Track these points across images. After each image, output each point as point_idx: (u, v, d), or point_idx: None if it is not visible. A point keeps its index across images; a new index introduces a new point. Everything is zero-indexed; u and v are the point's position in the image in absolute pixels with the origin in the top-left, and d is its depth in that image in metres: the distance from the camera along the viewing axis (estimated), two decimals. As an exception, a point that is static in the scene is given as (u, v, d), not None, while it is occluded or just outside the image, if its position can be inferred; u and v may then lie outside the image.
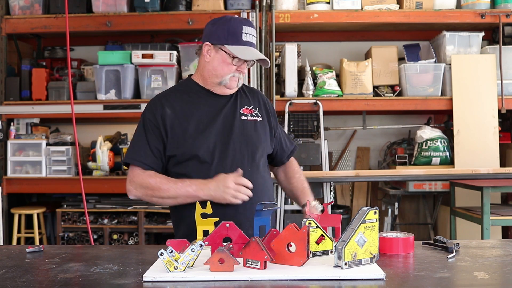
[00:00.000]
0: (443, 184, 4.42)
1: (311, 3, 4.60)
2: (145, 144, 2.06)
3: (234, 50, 2.00)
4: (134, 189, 2.05)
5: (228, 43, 2.00)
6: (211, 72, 2.06)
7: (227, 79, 2.05)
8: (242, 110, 2.12)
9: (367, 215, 1.58)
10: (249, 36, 2.03)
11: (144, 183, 2.02)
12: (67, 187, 4.61)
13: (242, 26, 2.02)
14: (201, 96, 2.10)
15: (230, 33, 2.01)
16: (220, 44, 2.01)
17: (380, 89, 4.67)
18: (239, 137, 2.07)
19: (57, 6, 4.71)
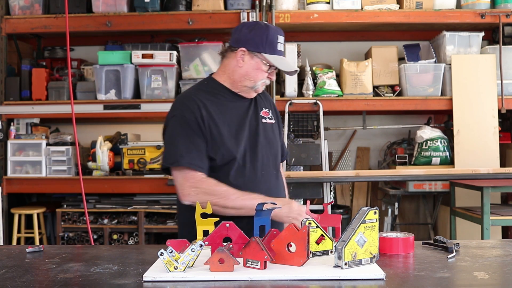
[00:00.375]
0: (443, 184, 4.42)
1: (311, 3, 4.60)
2: (196, 146, 2.01)
3: (272, 59, 2.05)
4: (196, 194, 1.97)
5: (266, 51, 2.05)
6: (243, 76, 2.09)
7: (259, 84, 2.10)
8: (261, 113, 2.17)
9: (367, 215, 1.58)
10: (282, 46, 2.10)
11: (209, 190, 1.98)
12: (67, 187, 4.61)
13: (277, 36, 2.07)
14: (228, 99, 2.12)
15: (268, 42, 2.05)
16: (258, 52, 2.05)
17: (380, 89, 4.67)
18: (264, 140, 2.13)
19: (57, 6, 4.71)
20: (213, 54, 4.64)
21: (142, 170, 4.56)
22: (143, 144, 4.63)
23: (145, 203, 4.58)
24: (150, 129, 5.24)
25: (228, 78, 2.12)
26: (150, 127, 5.27)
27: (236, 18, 4.58)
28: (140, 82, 4.62)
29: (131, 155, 4.60)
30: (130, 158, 4.59)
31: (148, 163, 4.58)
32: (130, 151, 4.60)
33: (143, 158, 4.58)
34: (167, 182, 4.38)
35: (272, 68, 2.08)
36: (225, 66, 2.13)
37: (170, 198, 4.55)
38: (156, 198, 4.59)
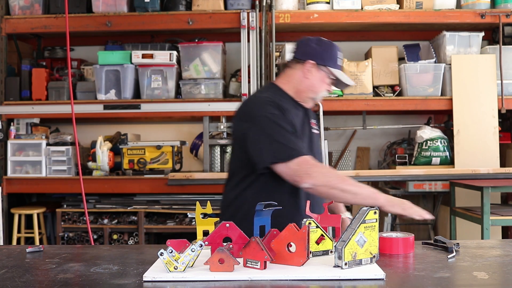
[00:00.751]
0: (443, 184, 4.42)
1: (311, 3, 4.60)
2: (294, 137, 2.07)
3: (336, 73, 2.22)
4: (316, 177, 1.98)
5: (331, 65, 2.21)
6: (309, 87, 2.22)
7: (320, 95, 2.26)
8: (311, 123, 2.31)
9: (367, 215, 1.59)
10: (341, 61, 2.28)
11: (329, 172, 2.06)
12: (67, 187, 4.61)
13: (338, 52, 2.27)
14: (292, 106, 2.22)
15: (333, 57, 2.24)
16: (323, 65, 2.21)
17: (380, 89, 4.67)
18: (315, 149, 2.28)
19: (57, 6, 4.71)
20: (213, 54, 4.64)
21: (142, 170, 4.56)
22: (143, 144, 4.63)
23: (145, 203, 4.58)
24: (150, 129, 5.25)
25: (293, 88, 2.24)
26: (150, 127, 5.27)
27: (236, 18, 4.58)
28: (140, 82, 4.62)
29: (131, 155, 4.60)
30: (130, 158, 4.59)
31: (148, 163, 4.58)
32: (130, 151, 4.60)
33: (143, 158, 4.58)
34: (167, 182, 4.38)
35: (331, 81, 2.24)
36: (290, 76, 2.25)
37: (170, 198, 4.56)
38: (156, 198, 4.59)
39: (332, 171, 2.11)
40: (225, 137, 4.69)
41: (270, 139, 2.03)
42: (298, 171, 2.00)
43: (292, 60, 2.26)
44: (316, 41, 2.27)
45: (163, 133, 5.12)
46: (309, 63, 2.20)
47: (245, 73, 4.55)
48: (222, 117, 4.70)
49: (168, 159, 4.61)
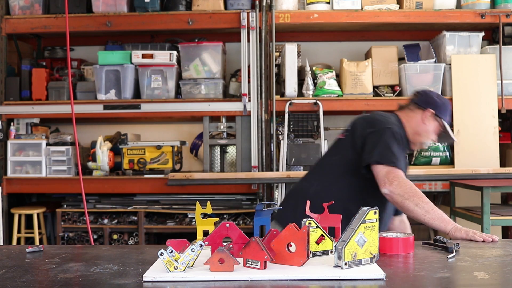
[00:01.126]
0: (443, 184, 4.41)
1: (311, 3, 4.60)
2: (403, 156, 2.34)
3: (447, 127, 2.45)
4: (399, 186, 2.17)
5: (443, 117, 2.45)
6: (423, 133, 2.45)
7: (429, 141, 2.48)
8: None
9: (367, 215, 1.59)
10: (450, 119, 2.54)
11: (412, 187, 2.19)
12: (67, 187, 4.61)
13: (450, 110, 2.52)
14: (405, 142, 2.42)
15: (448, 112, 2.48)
16: (440, 118, 2.44)
17: (380, 89, 4.67)
18: None
19: (57, 6, 4.71)
20: (213, 54, 4.64)
21: (142, 170, 4.56)
22: (143, 144, 4.63)
23: (145, 203, 4.58)
24: (150, 129, 5.25)
25: (410, 128, 2.45)
26: (150, 127, 5.27)
27: (236, 18, 4.58)
28: (140, 82, 4.62)
29: (131, 155, 4.60)
30: (130, 158, 4.59)
31: (148, 163, 4.58)
32: (130, 151, 4.60)
33: (143, 158, 4.58)
34: (167, 182, 4.38)
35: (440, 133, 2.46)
36: (411, 117, 2.47)
37: (170, 198, 4.56)
38: (156, 198, 4.59)
39: (415, 188, 2.20)
40: (225, 137, 4.69)
41: (385, 145, 2.26)
42: (387, 176, 2.21)
43: (414, 104, 2.48)
44: (436, 95, 2.52)
45: (163, 133, 5.12)
46: (429, 111, 2.43)
47: (245, 73, 4.55)
48: (222, 117, 4.70)
49: (168, 159, 4.61)
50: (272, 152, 4.54)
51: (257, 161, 4.51)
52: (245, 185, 4.45)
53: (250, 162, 4.54)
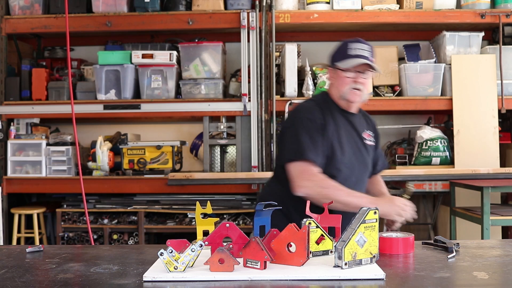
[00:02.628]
0: (443, 184, 4.41)
1: (311, 3, 4.60)
2: (315, 143, 2.17)
3: (341, 64, 2.25)
4: (308, 187, 2.12)
5: (337, 60, 2.27)
6: (335, 90, 2.30)
7: (347, 92, 2.25)
8: (363, 134, 2.35)
9: (367, 215, 1.59)
10: (357, 50, 2.26)
11: (322, 184, 2.12)
12: (67, 187, 4.61)
13: (348, 44, 2.29)
14: (338, 112, 2.30)
15: (339, 52, 2.30)
16: (333, 65, 2.29)
17: (380, 89, 4.67)
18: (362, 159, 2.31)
19: (57, 6, 4.71)
20: (213, 54, 4.64)
21: (142, 170, 4.56)
22: (143, 144, 4.63)
23: (145, 203, 4.58)
24: (150, 129, 5.25)
25: (332, 94, 2.33)
26: (150, 127, 5.27)
27: (236, 18, 4.58)
28: (140, 82, 4.62)
29: (131, 155, 4.60)
30: (130, 158, 4.59)
31: (148, 163, 4.58)
32: (130, 151, 4.60)
33: (143, 158, 4.58)
34: (167, 182, 4.38)
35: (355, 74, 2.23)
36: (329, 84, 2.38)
37: (170, 198, 4.56)
38: (156, 198, 4.59)
39: (328, 182, 2.12)
40: (225, 137, 4.69)
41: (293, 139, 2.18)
42: (298, 178, 2.13)
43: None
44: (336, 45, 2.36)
45: (163, 133, 5.12)
46: (328, 70, 2.34)
47: (245, 73, 4.55)
48: (222, 117, 4.70)
49: (168, 159, 4.61)
50: (272, 152, 4.55)
51: (257, 161, 4.51)
52: (245, 185, 4.45)
53: (250, 162, 4.54)
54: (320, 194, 2.10)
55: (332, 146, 2.21)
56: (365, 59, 2.23)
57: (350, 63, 2.22)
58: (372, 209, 1.60)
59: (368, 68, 2.25)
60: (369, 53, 2.28)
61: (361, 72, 2.25)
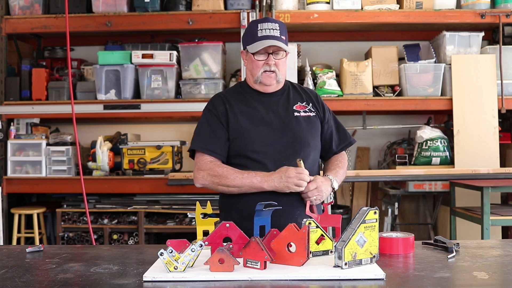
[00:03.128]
0: (443, 184, 4.41)
1: (311, 3, 4.60)
2: (210, 132, 2.18)
3: (250, 47, 2.17)
4: (202, 177, 2.15)
5: (248, 43, 2.19)
6: (248, 74, 2.24)
7: (260, 75, 2.18)
8: (294, 107, 2.25)
9: (367, 215, 1.59)
10: (265, 31, 2.15)
11: (212, 172, 2.13)
12: (67, 187, 4.61)
13: (258, 24, 2.17)
14: (253, 96, 2.24)
15: (248, 35, 2.20)
16: (245, 48, 2.21)
17: (380, 89, 4.67)
18: (290, 133, 2.19)
19: (57, 6, 4.71)
20: (213, 54, 4.64)
21: (142, 170, 4.56)
22: (143, 144, 4.63)
23: (145, 203, 4.58)
24: (150, 129, 5.25)
25: (247, 78, 2.28)
26: (150, 127, 5.27)
27: (236, 18, 4.58)
28: (140, 82, 4.62)
29: (131, 155, 4.60)
30: (130, 158, 4.59)
31: (148, 163, 4.58)
32: (130, 151, 4.60)
33: (143, 158, 4.58)
34: (167, 182, 4.38)
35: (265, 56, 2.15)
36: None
37: (170, 198, 4.55)
38: (156, 198, 4.59)
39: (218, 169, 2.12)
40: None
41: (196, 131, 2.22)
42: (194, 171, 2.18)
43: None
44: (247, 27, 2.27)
45: (163, 133, 5.12)
46: (241, 53, 2.27)
47: (245, 73, 4.55)
48: (222, 117, 4.69)
49: (168, 159, 4.61)
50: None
51: (257, 161, 4.50)
52: (245, 185, 4.44)
53: (250, 162, 4.53)
54: (213, 182, 2.12)
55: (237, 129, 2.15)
56: (273, 40, 2.12)
57: (258, 46, 2.13)
58: (372, 209, 1.60)
59: (278, 48, 2.15)
60: (278, 31, 2.15)
61: (273, 53, 2.16)
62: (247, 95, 2.24)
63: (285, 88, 2.29)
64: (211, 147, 2.16)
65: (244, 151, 2.15)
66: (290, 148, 2.16)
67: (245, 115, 2.18)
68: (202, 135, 2.19)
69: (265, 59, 2.16)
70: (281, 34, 2.16)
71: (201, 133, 2.20)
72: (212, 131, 2.17)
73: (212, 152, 2.16)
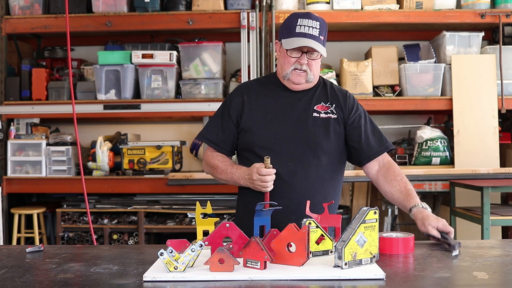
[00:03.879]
0: (443, 184, 4.41)
1: (311, 3, 4.60)
2: (218, 124, 2.19)
3: (285, 42, 2.07)
4: (204, 166, 2.25)
5: (284, 37, 2.09)
6: (279, 67, 2.15)
7: (289, 72, 2.09)
8: (316, 107, 2.14)
9: (367, 215, 1.59)
10: (304, 28, 2.05)
11: (209, 162, 2.20)
12: (67, 187, 4.61)
13: (298, 19, 2.06)
14: (277, 90, 2.17)
15: (285, 28, 2.09)
16: (280, 40, 2.12)
17: (380, 89, 4.67)
18: (303, 133, 2.09)
19: (57, 6, 4.71)
20: (213, 54, 4.64)
21: (142, 170, 4.56)
22: (143, 144, 4.63)
23: (145, 203, 4.58)
24: (150, 129, 5.25)
25: (277, 70, 2.19)
26: (150, 127, 5.27)
27: (236, 18, 4.58)
28: (140, 82, 4.62)
29: (131, 155, 4.60)
30: (130, 158, 4.59)
31: (148, 163, 4.58)
32: (130, 151, 4.60)
33: (143, 158, 4.58)
34: (167, 182, 4.38)
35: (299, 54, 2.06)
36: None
37: (170, 198, 4.55)
38: (156, 198, 4.59)
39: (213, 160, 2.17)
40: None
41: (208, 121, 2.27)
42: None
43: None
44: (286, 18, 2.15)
45: (163, 133, 5.12)
46: (276, 43, 2.18)
47: (245, 73, 4.55)
48: (222, 117, 4.69)
49: (168, 159, 4.61)
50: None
51: (257, 161, 4.50)
52: (245, 185, 4.44)
53: (250, 162, 4.53)
54: (210, 172, 2.21)
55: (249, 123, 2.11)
56: (310, 39, 2.03)
57: (293, 44, 2.04)
58: (372, 209, 1.60)
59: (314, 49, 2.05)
60: (317, 30, 2.06)
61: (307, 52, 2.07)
62: (271, 88, 2.17)
63: (315, 86, 2.18)
64: (213, 139, 2.18)
65: (252, 146, 2.11)
66: (300, 149, 2.08)
67: (261, 109, 2.13)
68: (210, 126, 2.22)
69: (298, 57, 2.06)
70: (320, 34, 2.07)
71: (210, 123, 2.23)
72: (221, 123, 2.18)
73: (213, 143, 2.19)
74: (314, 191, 2.09)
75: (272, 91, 2.16)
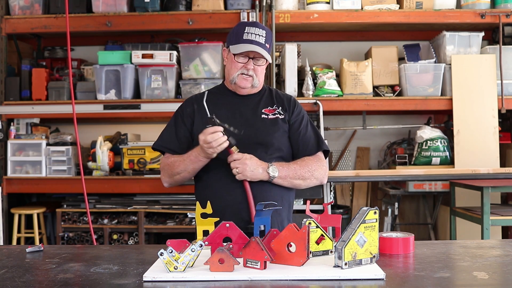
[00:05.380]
0: (443, 184, 4.42)
1: (311, 3, 4.60)
2: (172, 132, 2.27)
3: (232, 48, 2.18)
4: (162, 176, 2.26)
5: (232, 43, 2.19)
6: (227, 72, 2.25)
7: (236, 77, 2.19)
8: (263, 110, 2.26)
9: (367, 215, 1.59)
10: (251, 35, 2.15)
11: (165, 166, 2.23)
12: (67, 187, 4.61)
13: (245, 27, 2.17)
14: (225, 97, 2.27)
15: (234, 35, 2.20)
16: (228, 47, 2.21)
17: (380, 89, 4.67)
18: (255, 134, 2.19)
19: (57, 6, 4.71)
20: (213, 54, 4.64)
21: (142, 170, 4.56)
22: (143, 144, 4.63)
23: (145, 203, 4.58)
24: (150, 129, 5.24)
25: (225, 75, 2.29)
26: (150, 127, 5.26)
27: (236, 18, 4.58)
28: (140, 82, 4.62)
29: (131, 155, 4.60)
30: (130, 158, 4.59)
31: (148, 163, 4.58)
32: (130, 151, 4.60)
33: (143, 158, 4.58)
34: (167, 182, 4.37)
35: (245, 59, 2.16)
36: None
37: (170, 198, 4.56)
38: (156, 198, 4.59)
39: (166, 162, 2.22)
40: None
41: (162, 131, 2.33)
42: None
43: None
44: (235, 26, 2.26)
45: (163, 133, 5.11)
46: (224, 50, 2.27)
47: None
48: (222, 117, 4.69)
49: (168, 159, 4.60)
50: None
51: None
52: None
53: (250, 162, 4.53)
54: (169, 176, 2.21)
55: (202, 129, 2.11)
56: (256, 46, 2.13)
57: (240, 49, 2.15)
58: (372, 209, 1.60)
59: (260, 55, 2.15)
60: (263, 38, 2.16)
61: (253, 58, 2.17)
62: (220, 96, 2.27)
63: (261, 93, 2.30)
64: (171, 146, 2.24)
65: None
66: (252, 148, 2.14)
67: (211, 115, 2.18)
68: (165, 135, 2.29)
69: (245, 62, 2.17)
70: (265, 42, 2.17)
71: (165, 133, 2.30)
72: (175, 132, 2.25)
73: (171, 150, 2.24)
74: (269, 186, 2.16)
75: (221, 98, 2.27)
